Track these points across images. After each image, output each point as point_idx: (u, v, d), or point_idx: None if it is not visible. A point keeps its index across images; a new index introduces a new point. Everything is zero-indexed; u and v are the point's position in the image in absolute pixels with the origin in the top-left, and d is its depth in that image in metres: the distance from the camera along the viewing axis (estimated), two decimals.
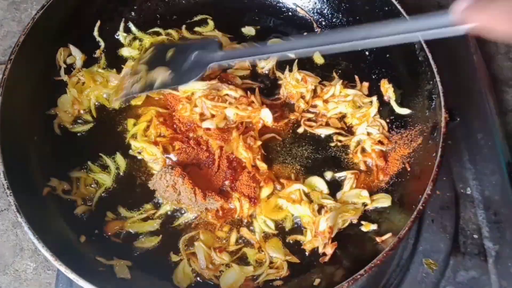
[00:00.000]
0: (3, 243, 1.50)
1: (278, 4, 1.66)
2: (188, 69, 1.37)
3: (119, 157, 1.39)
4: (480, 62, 1.71)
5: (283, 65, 1.52)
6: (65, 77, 1.45)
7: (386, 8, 1.42)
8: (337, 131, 1.44)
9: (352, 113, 1.46)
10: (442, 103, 1.25)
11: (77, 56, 1.48)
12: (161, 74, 1.39)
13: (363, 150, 1.41)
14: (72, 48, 1.47)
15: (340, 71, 1.53)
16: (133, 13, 1.60)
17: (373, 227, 1.28)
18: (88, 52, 1.51)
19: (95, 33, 1.54)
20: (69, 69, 1.48)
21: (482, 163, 1.53)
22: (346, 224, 1.30)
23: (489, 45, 1.82)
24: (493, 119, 1.60)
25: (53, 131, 1.39)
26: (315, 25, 1.62)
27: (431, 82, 1.30)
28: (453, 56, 1.67)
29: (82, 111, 1.45)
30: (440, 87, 1.27)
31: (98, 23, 1.54)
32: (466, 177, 1.52)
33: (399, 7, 1.38)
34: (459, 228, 1.45)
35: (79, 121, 1.44)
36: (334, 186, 1.37)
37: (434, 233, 1.42)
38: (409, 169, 1.33)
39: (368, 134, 1.42)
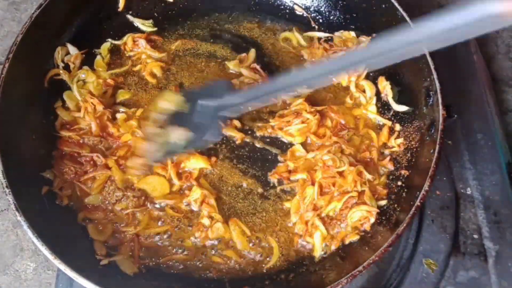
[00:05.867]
0: (3, 243, 1.50)
1: (276, 2, 1.66)
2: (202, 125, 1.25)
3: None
4: (480, 62, 1.70)
5: None
6: (65, 76, 1.44)
7: (383, 6, 1.42)
8: None
9: None
10: (440, 100, 1.25)
11: (75, 55, 1.47)
12: (177, 136, 1.27)
13: None
14: (70, 46, 1.47)
15: None
16: (131, 12, 1.60)
17: None
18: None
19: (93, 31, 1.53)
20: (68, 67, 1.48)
21: (482, 163, 1.53)
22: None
23: (489, 45, 1.82)
24: (493, 119, 1.60)
25: (52, 130, 1.38)
26: (312, 22, 1.62)
27: (429, 79, 1.30)
28: (453, 56, 1.67)
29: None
30: (437, 84, 1.27)
31: (96, 22, 1.53)
32: (466, 177, 1.52)
33: (396, 4, 1.37)
34: (459, 228, 1.45)
35: None
36: None
37: (434, 233, 1.42)
38: (406, 165, 1.33)
39: None
